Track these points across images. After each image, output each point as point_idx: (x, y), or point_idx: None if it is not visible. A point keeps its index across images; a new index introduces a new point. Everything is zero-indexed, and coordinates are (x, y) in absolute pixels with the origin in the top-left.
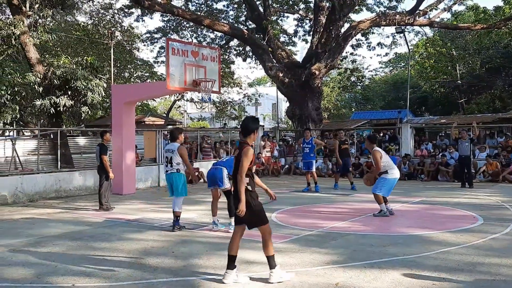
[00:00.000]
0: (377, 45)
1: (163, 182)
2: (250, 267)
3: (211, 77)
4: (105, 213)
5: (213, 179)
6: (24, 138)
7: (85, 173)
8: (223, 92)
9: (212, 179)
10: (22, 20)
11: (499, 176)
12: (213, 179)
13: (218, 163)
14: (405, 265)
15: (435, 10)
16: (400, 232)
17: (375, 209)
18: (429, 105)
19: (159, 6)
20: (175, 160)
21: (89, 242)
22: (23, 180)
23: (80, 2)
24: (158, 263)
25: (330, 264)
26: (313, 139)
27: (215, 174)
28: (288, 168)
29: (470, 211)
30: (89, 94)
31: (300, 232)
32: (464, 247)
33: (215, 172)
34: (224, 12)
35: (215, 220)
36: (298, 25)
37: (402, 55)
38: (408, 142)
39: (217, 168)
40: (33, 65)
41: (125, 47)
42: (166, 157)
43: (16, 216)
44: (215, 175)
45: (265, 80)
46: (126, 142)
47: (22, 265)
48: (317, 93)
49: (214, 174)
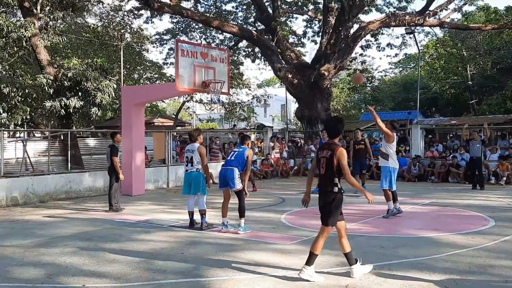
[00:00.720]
0: (386, 46)
1: (172, 183)
2: (259, 268)
3: (220, 78)
4: (115, 214)
5: (225, 180)
6: (35, 140)
7: (95, 174)
8: (232, 93)
9: (223, 180)
10: (33, 23)
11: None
12: (225, 180)
13: (227, 162)
14: (416, 267)
15: (445, 10)
16: (411, 234)
17: (385, 211)
18: (440, 106)
19: (168, 8)
20: (196, 160)
21: (99, 243)
22: (33, 181)
23: (90, 4)
24: (167, 264)
25: (340, 266)
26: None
27: (226, 175)
28: (297, 169)
29: (481, 213)
30: (99, 95)
31: (309, 233)
32: (475, 249)
33: (226, 173)
34: (233, 13)
35: (224, 221)
36: (307, 26)
37: (412, 55)
38: (418, 143)
39: (228, 169)
40: (43, 67)
41: (135, 48)
42: (186, 157)
43: (27, 217)
44: (226, 176)
45: (274, 81)
46: (135, 143)
47: (33, 265)
48: (326, 94)
49: (225, 175)
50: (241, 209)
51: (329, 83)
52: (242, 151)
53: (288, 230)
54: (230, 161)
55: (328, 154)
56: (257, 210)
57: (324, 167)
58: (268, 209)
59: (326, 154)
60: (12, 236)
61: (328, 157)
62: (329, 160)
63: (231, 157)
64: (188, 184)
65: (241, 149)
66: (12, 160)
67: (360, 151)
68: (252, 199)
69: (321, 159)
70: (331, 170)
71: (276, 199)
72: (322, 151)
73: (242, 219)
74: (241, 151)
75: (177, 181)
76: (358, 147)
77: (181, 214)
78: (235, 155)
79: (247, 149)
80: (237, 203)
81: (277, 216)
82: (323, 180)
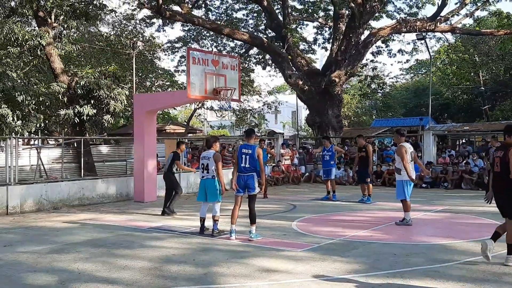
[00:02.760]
0: (397, 52)
1: (184, 189)
2: (270, 275)
3: (231, 86)
4: (127, 221)
5: (245, 185)
6: (49, 147)
7: (107, 181)
8: (242, 100)
9: (243, 186)
10: (48, 32)
11: None
12: (245, 185)
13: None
14: (429, 275)
15: (456, 16)
16: (423, 241)
17: (397, 217)
18: (452, 112)
19: (180, 16)
20: (211, 167)
21: (111, 249)
22: (47, 188)
23: (103, 14)
24: (179, 271)
25: (352, 273)
26: (333, 146)
27: (247, 180)
28: (308, 176)
29: (496, 220)
30: (112, 103)
31: (321, 240)
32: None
33: (247, 179)
34: (244, 21)
35: (234, 228)
36: (317, 32)
37: (424, 61)
38: (431, 150)
39: (249, 175)
40: (57, 75)
41: (147, 56)
42: (202, 164)
43: (41, 223)
44: (248, 182)
45: (284, 88)
46: (147, 150)
47: (46, 271)
48: (337, 100)
49: (246, 180)
50: (252, 215)
51: (339, 90)
52: (253, 152)
53: (300, 237)
54: (245, 168)
55: (501, 154)
56: (268, 217)
57: (498, 166)
58: (279, 216)
59: (500, 154)
60: (26, 243)
61: (501, 157)
62: (502, 160)
63: (245, 163)
64: (203, 191)
65: (250, 150)
66: (26, 167)
67: (361, 159)
68: (263, 206)
69: (495, 158)
70: (506, 169)
71: (287, 205)
72: (497, 152)
73: (253, 226)
74: (252, 153)
75: (188, 187)
76: (360, 154)
77: (193, 221)
78: (248, 161)
79: (257, 147)
80: (247, 209)
81: (288, 223)
82: (498, 178)
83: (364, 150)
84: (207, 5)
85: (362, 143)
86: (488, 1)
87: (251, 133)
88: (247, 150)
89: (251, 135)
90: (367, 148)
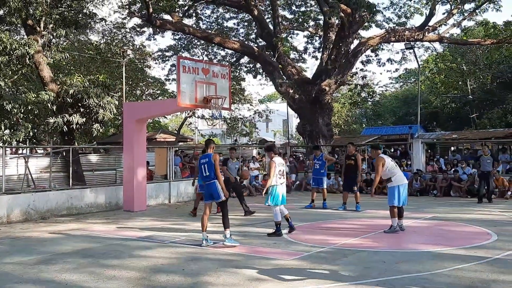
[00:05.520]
0: (387, 61)
1: (174, 198)
2: (260, 284)
3: (222, 94)
4: (116, 230)
5: (210, 194)
6: (37, 156)
7: (96, 190)
8: (233, 108)
9: (208, 194)
10: (37, 40)
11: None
12: (210, 194)
13: (204, 177)
14: (418, 283)
15: (444, 25)
16: (413, 248)
17: (387, 225)
18: (440, 120)
19: (171, 25)
20: (212, 170)
21: (99, 260)
22: (35, 198)
23: (93, 22)
24: (168, 281)
25: (341, 281)
26: (323, 155)
27: (210, 189)
28: (299, 184)
29: (484, 227)
30: (101, 112)
31: (311, 249)
32: (478, 264)
33: (209, 187)
34: (235, 30)
35: (205, 235)
36: (308, 42)
37: (412, 70)
38: (420, 158)
39: (210, 183)
40: (46, 84)
41: (137, 65)
42: (201, 169)
43: (28, 234)
44: (211, 190)
45: (275, 97)
46: (137, 159)
47: (33, 282)
48: (327, 109)
49: (209, 188)
50: (224, 221)
51: (330, 98)
52: (209, 160)
53: (290, 245)
54: (206, 177)
55: None
56: (258, 226)
57: None
58: (270, 224)
59: None
60: (13, 253)
61: None
62: None
63: (205, 172)
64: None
65: (207, 159)
66: (14, 177)
67: (349, 167)
68: (254, 214)
69: None
70: None
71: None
72: None
73: (227, 231)
74: (209, 161)
75: (178, 196)
76: (348, 162)
77: (183, 231)
78: (207, 169)
79: (212, 155)
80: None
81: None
82: None
83: (353, 158)
84: (197, 14)
85: (351, 151)
86: (475, 11)
87: (209, 143)
88: (204, 160)
89: (209, 145)
90: (356, 157)
